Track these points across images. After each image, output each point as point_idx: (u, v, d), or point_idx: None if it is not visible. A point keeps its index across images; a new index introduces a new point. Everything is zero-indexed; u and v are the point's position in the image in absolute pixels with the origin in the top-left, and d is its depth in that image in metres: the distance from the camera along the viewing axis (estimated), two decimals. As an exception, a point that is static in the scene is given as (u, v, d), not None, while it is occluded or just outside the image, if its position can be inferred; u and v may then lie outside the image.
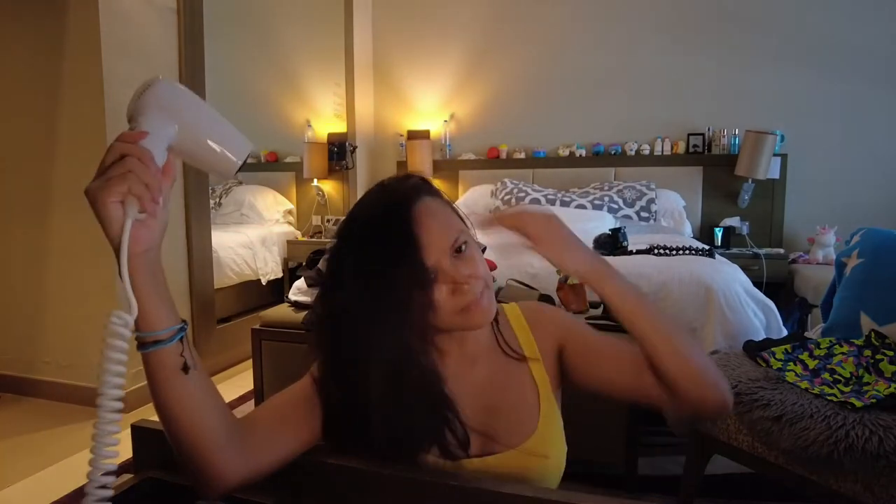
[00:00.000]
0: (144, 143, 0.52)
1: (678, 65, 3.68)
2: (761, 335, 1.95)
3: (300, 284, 2.24)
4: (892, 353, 1.44)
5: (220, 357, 2.93)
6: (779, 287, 3.13)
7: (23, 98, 2.47)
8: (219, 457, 0.57)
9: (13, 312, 2.59)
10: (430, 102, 4.27)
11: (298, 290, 2.22)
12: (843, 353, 1.49)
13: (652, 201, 3.40)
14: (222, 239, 3.49)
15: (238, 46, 4.44)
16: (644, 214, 3.36)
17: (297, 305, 2.17)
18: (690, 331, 2.04)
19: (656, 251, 2.44)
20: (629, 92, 3.79)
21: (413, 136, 4.19)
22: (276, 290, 3.90)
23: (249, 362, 2.39)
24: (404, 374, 0.65)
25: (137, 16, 2.42)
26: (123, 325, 0.50)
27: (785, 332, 2.04)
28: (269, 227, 4.08)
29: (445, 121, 4.20)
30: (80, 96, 2.34)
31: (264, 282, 3.79)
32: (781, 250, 3.34)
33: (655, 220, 3.35)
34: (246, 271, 3.64)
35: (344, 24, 4.06)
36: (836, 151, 3.44)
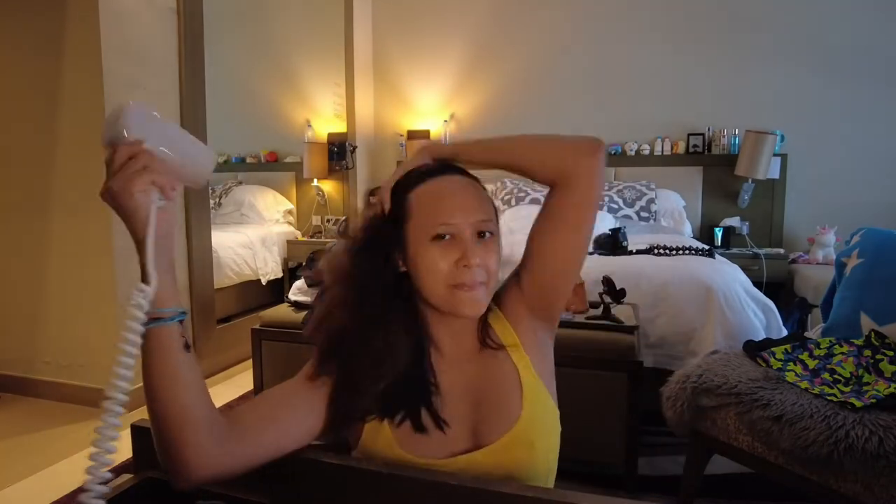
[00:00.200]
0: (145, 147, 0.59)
1: (678, 65, 3.68)
2: (761, 335, 1.95)
3: (300, 284, 2.24)
4: (892, 353, 1.44)
5: (220, 357, 2.93)
6: (779, 287, 3.13)
7: (23, 98, 2.47)
8: (196, 443, 0.58)
9: (13, 312, 2.59)
10: (430, 102, 4.27)
11: (298, 290, 2.22)
12: (843, 353, 1.49)
13: (652, 201, 3.40)
14: (222, 239, 3.49)
15: (238, 46, 4.44)
16: (644, 214, 3.36)
17: (297, 305, 2.17)
18: (690, 331, 2.05)
19: (656, 251, 2.44)
20: (629, 92, 3.79)
21: (413, 136, 4.19)
22: (276, 291, 3.90)
23: (249, 362, 2.39)
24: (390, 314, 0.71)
25: (137, 16, 2.42)
26: (144, 296, 0.56)
27: (785, 332, 2.05)
28: (269, 227, 4.08)
29: (445, 121, 4.20)
30: (79, 96, 2.34)
31: (264, 282, 3.79)
32: (781, 250, 3.34)
33: (655, 220, 3.35)
34: (246, 271, 3.64)
35: (344, 24, 4.06)
36: (836, 151, 3.44)
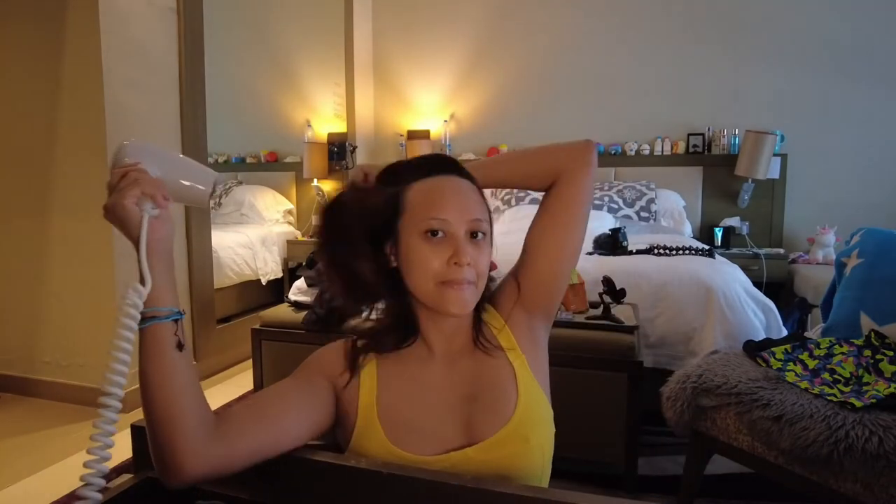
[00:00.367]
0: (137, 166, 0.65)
1: (678, 65, 3.68)
2: (761, 335, 1.95)
3: (300, 284, 2.24)
4: (891, 353, 1.44)
5: (220, 357, 2.92)
6: (779, 287, 3.13)
7: (23, 98, 2.47)
8: (188, 441, 0.58)
9: (13, 312, 2.59)
10: (430, 102, 4.28)
11: (298, 290, 2.22)
12: (843, 353, 1.49)
13: (652, 201, 3.40)
14: (222, 239, 3.49)
15: (238, 46, 4.44)
16: (644, 214, 3.36)
17: (297, 305, 2.16)
18: (690, 331, 2.05)
19: (656, 251, 2.44)
20: (629, 92, 3.79)
21: (413, 136, 4.19)
22: (276, 290, 3.90)
23: (249, 362, 2.39)
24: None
25: (137, 16, 2.42)
26: (139, 296, 0.58)
27: (785, 332, 2.05)
28: (269, 227, 4.08)
29: (445, 121, 4.20)
30: (80, 96, 2.34)
31: (264, 282, 3.79)
32: (781, 250, 3.35)
33: (655, 220, 3.35)
34: (246, 271, 3.64)
35: (344, 24, 4.06)
36: (836, 151, 3.44)
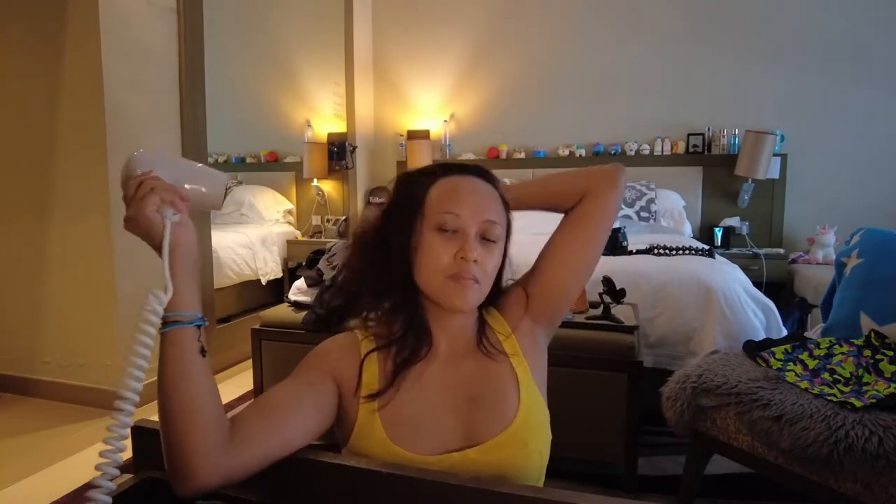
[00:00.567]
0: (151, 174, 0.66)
1: (678, 65, 3.68)
2: (761, 335, 1.95)
3: (300, 284, 2.24)
4: (891, 353, 1.44)
5: (220, 357, 2.93)
6: (779, 287, 3.13)
7: (23, 98, 2.47)
8: (204, 448, 0.58)
9: (13, 312, 2.59)
10: (430, 102, 4.27)
11: (298, 290, 2.22)
12: (842, 353, 1.49)
13: (652, 201, 3.40)
14: (222, 239, 3.49)
15: (238, 46, 4.44)
16: (644, 214, 3.36)
17: (297, 305, 2.16)
18: (690, 331, 2.05)
19: (656, 251, 2.44)
20: (629, 92, 3.79)
21: (413, 136, 4.19)
22: (276, 290, 3.90)
23: (249, 362, 2.39)
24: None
25: (137, 16, 2.42)
26: (159, 303, 0.59)
27: (785, 332, 2.05)
28: (269, 226, 4.08)
29: (445, 121, 4.20)
30: (79, 96, 2.34)
31: (264, 282, 3.79)
32: (781, 250, 3.35)
33: (655, 220, 3.35)
34: (246, 271, 3.64)
35: (344, 24, 4.06)
36: (836, 151, 3.44)
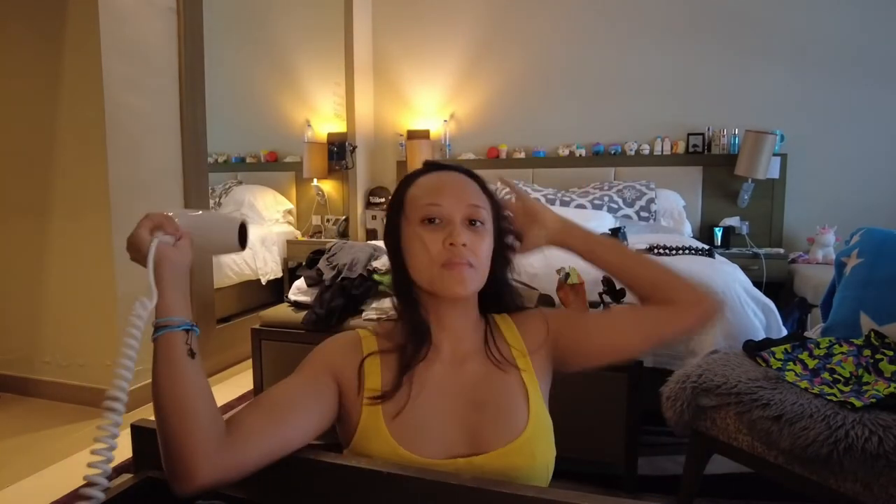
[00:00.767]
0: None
1: (678, 65, 3.68)
2: (761, 335, 1.95)
3: (300, 284, 2.24)
4: (891, 353, 1.44)
5: (220, 357, 2.93)
6: (779, 287, 3.13)
7: (22, 98, 2.47)
8: (200, 448, 0.59)
9: (13, 312, 2.59)
10: (430, 102, 4.27)
11: (298, 290, 2.22)
12: (842, 353, 1.49)
13: (652, 201, 3.40)
14: (222, 239, 3.48)
15: (238, 46, 4.44)
16: (644, 214, 3.36)
17: (297, 305, 2.16)
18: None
19: (656, 251, 2.44)
20: (629, 92, 3.79)
21: (413, 135, 4.19)
22: (276, 290, 3.90)
23: (249, 362, 2.39)
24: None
25: (137, 16, 2.42)
26: (143, 308, 0.63)
27: (785, 332, 2.04)
28: (269, 226, 4.08)
29: (445, 121, 4.20)
30: (79, 96, 2.34)
31: (264, 282, 3.79)
32: (781, 250, 3.34)
33: (655, 219, 3.35)
34: (246, 271, 3.65)
35: (344, 24, 4.06)
36: (836, 151, 3.44)
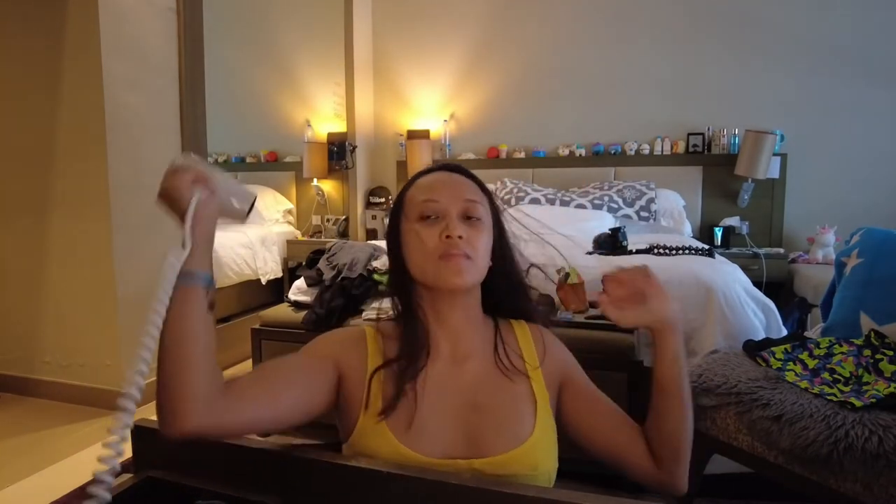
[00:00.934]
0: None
1: (678, 65, 3.68)
2: (761, 335, 1.95)
3: (300, 284, 2.24)
4: (891, 353, 1.44)
5: (220, 357, 2.87)
6: (779, 287, 3.13)
7: (22, 98, 2.47)
8: (197, 393, 0.61)
9: (13, 312, 2.59)
10: (430, 102, 4.27)
11: (298, 290, 2.22)
12: (842, 353, 1.49)
13: (652, 201, 3.40)
14: (222, 238, 3.49)
15: (238, 46, 4.44)
16: (644, 214, 3.36)
17: (297, 305, 2.16)
18: (690, 331, 2.04)
19: (656, 251, 2.44)
20: (629, 92, 3.79)
21: (413, 135, 4.19)
22: (276, 290, 3.90)
23: (249, 362, 2.39)
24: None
25: (137, 16, 2.42)
26: (177, 260, 0.63)
27: (785, 332, 2.04)
28: (269, 226, 4.08)
29: (445, 120, 4.20)
30: (79, 96, 2.34)
31: (264, 281, 3.79)
32: (781, 250, 3.34)
33: (655, 219, 3.35)
34: (246, 271, 3.64)
35: (344, 24, 4.06)
36: (836, 151, 3.44)
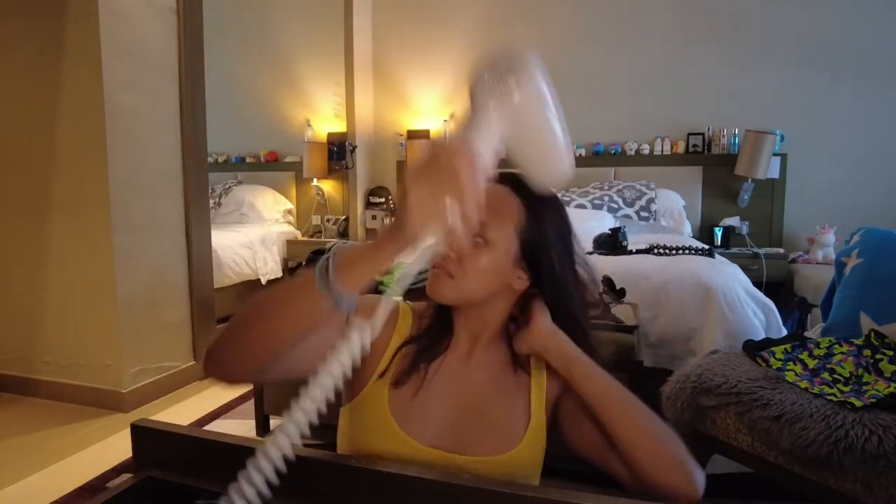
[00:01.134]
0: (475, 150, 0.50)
1: (678, 65, 3.68)
2: (761, 335, 1.95)
3: (300, 284, 2.24)
4: (891, 353, 1.44)
5: (220, 357, 2.92)
6: (779, 287, 3.13)
7: (22, 98, 2.46)
8: (255, 367, 0.60)
9: (13, 312, 2.59)
10: (430, 102, 4.27)
11: (298, 290, 2.22)
12: (842, 353, 1.49)
13: (652, 201, 3.40)
14: (222, 238, 3.49)
15: (238, 46, 4.45)
16: (644, 214, 3.36)
17: (297, 305, 2.16)
18: (690, 331, 2.04)
19: (656, 251, 2.44)
20: (629, 92, 3.79)
21: (413, 135, 4.19)
22: (276, 290, 3.90)
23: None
24: None
25: (137, 16, 2.42)
26: (362, 339, 0.52)
27: (785, 332, 2.04)
28: (269, 226, 4.08)
29: (445, 120, 4.20)
30: (79, 96, 2.33)
31: (264, 281, 3.79)
32: (781, 250, 3.34)
33: (655, 219, 3.35)
34: (246, 271, 3.65)
35: (344, 24, 4.06)
36: (836, 151, 3.44)
